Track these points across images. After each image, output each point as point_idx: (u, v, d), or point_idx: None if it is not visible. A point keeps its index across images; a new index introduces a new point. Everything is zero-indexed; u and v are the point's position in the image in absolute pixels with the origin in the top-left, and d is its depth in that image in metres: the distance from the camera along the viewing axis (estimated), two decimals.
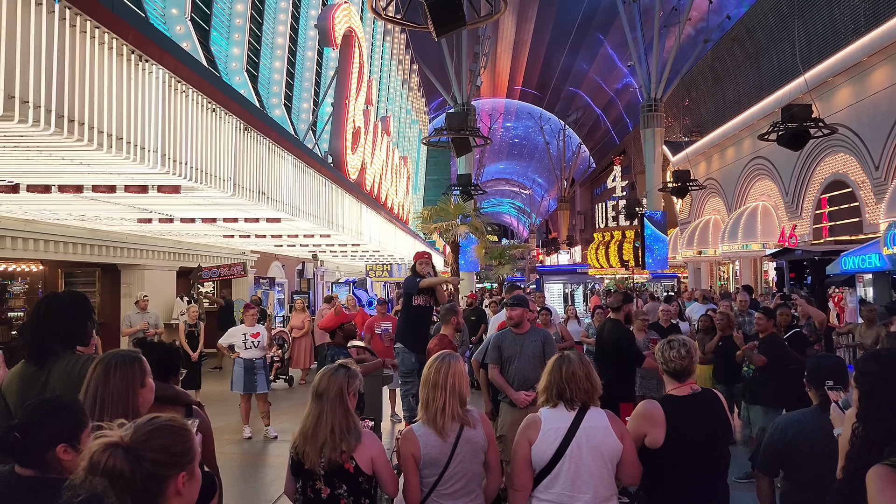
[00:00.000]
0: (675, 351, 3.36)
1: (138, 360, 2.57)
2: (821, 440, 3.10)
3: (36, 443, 2.10)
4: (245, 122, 7.49)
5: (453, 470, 3.18)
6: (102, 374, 2.47)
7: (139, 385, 2.52)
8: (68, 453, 2.13)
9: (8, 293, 12.62)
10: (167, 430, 1.69)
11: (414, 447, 3.19)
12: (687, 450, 3.25)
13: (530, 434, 3.15)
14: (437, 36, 9.45)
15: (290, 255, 20.26)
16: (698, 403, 3.35)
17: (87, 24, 4.60)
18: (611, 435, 3.13)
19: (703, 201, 29.59)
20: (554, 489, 3.08)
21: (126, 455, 1.59)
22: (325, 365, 5.80)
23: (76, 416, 2.20)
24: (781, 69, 21.86)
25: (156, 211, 8.94)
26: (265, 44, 14.93)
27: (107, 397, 2.43)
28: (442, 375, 3.26)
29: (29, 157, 5.18)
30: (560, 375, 3.18)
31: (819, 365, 3.38)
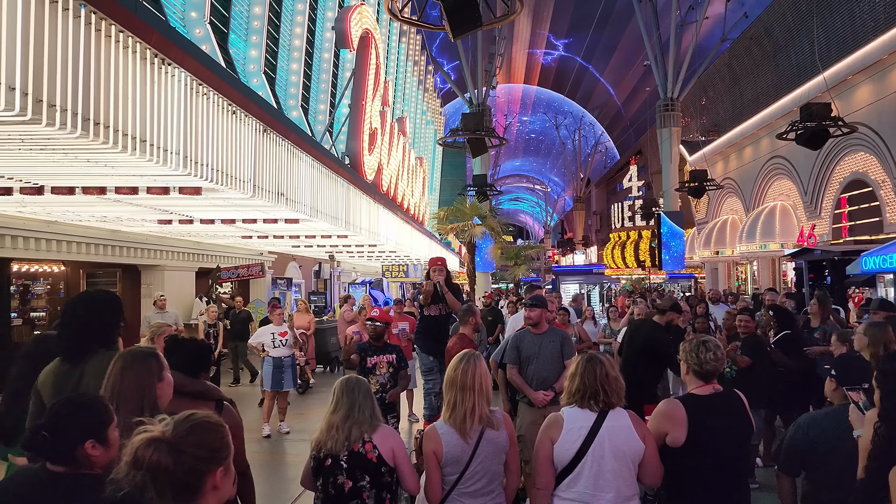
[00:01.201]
0: (712, 353, 3.34)
1: (155, 356, 2.64)
2: (844, 439, 3.08)
3: (64, 440, 2.15)
4: (264, 123, 7.57)
5: (474, 469, 3.21)
6: (120, 370, 2.56)
7: (156, 380, 2.59)
8: (96, 448, 2.19)
9: (30, 293, 12.81)
10: (205, 426, 1.76)
11: (436, 445, 3.21)
12: (708, 449, 3.23)
13: (553, 433, 3.15)
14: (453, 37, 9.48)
15: (307, 256, 20.38)
16: (721, 403, 3.34)
17: (112, 28, 4.68)
18: (633, 435, 3.13)
19: (720, 201, 29.39)
20: (576, 488, 3.08)
21: (168, 450, 1.65)
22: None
23: (102, 413, 2.26)
24: (800, 67, 21.68)
25: (176, 212, 9.05)
26: (282, 46, 15.04)
27: (123, 392, 2.51)
28: (469, 377, 3.27)
29: (55, 159, 5.27)
30: (594, 377, 3.16)
31: (851, 366, 3.31)
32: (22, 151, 4.99)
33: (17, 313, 12.26)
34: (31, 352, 3.56)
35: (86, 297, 3.29)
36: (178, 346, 3.51)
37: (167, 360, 3.25)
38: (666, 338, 6.44)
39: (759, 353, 6.44)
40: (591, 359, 3.24)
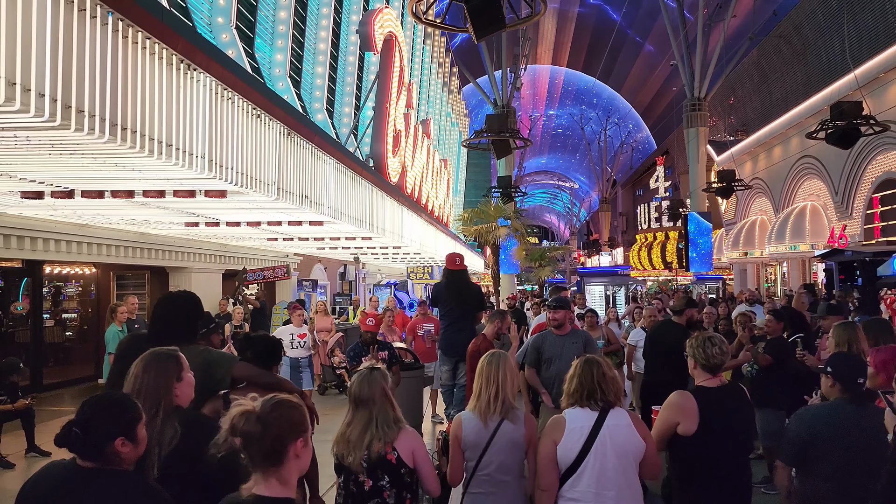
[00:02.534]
0: (718, 347, 3.60)
1: (174, 357, 2.74)
2: (843, 433, 3.22)
3: (96, 437, 2.23)
4: (288, 127, 7.64)
5: (490, 457, 3.41)
6: (142, 370, 2.67)
7: (175, 380, 2.68)
8: (126, 445, 2.27)
9: (62, 295, 13.07)
10: (287, 403, 2.11)
11: (458, 429, 3.48)
12: (717, 437, 3.44)
13: (555, 435, 3.25)
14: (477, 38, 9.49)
15: (332, 258, 20.51)
16: (727, 395, 3.60)
17: (139, 34, 4.76)
18: (634, 434, 3.24)
19: (748, 202, 29.01)
20: (579, 487, 3.18)
21: (257, 420, 2.00)
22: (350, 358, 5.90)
23: (132, 411, 2.35)
24: (830, 65, 21.32)
25: (202, 215, 9.17)
26: (307, 49, 15.17)
27: (143, 391, 2.61)
28: (494, 368, 3.52)
29: (84, 163, 5.38)
30: (591, 377, 3.30)
31: (847, 363, 3.49)
32: (52, 156, 5.10)
33: (49, 315, 12.52)
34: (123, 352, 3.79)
35: (168, 298, 3.61)
36: (251, 341, 3.84)
37: (242, 355, 3.67)
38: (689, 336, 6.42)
39: (782, 354, 6.38)
40: (587, 360, 3.39)
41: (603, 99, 56.79)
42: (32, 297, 11.66)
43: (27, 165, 5.60)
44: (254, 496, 2.02)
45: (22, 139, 4.53)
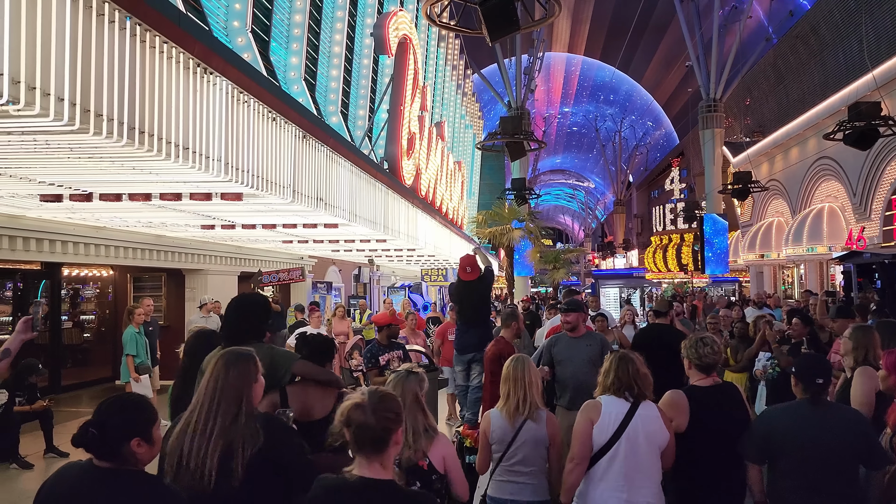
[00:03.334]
0: (709, 347, 3.81)
1: (253, 358, 2.82)
2: (803, 431, 3.40)
3: (112, 437, 2.28)
4: (304, 130, 7.68)
5: (514, 451, 3.82)
6: (223, 367, 2.73)
7: (253, 380, 2.76)
8: (141, 446, 2.31)
9: (80, 297, 13.20)
10: (390, 396, 2.39)
11: (487, 425, 3.93)
12: (708, 434, 3.63)
13: (592, 414, 3.55)
14: (490, 41, 9.48)
15: (346, 260, 20.57)
16: (720, 393, 3.80)
17: (157, 39, 4.81)
18: (661, 425, 3.55)
19: (765, 203, 28.76)
20: (613, 468, 3.45)
21: (371, 411, 2.27)
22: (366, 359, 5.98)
23: (147, 412, 2.39)
24: (848, 66, 21.10)
25: (218, 217, 9.23)
26: (322, 52, 15.23)
27: (226, 388, 2.68)
28: (520, 372, 3.91)
29: (102, 167, 5.43)
30: (627, 373, 3.57)
31: (808, 363, 3.68)
32: (71, 160, 5.15)
33: (68, 316, 12.65)
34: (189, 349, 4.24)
35: (240, 298, 3.87)
36: (307, 340, 4.07)
37: (299, 353, 3.97)
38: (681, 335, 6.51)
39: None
40: (623, 357, 3.67)
41: (620, 94, 54.79)
42: (51, 298, 11.79)
43: (46, 169, 5.66)
44: (359, 478, 2.27)
45: (41, 143, 4.58)
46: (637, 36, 42.66)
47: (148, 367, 9.49)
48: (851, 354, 4.24)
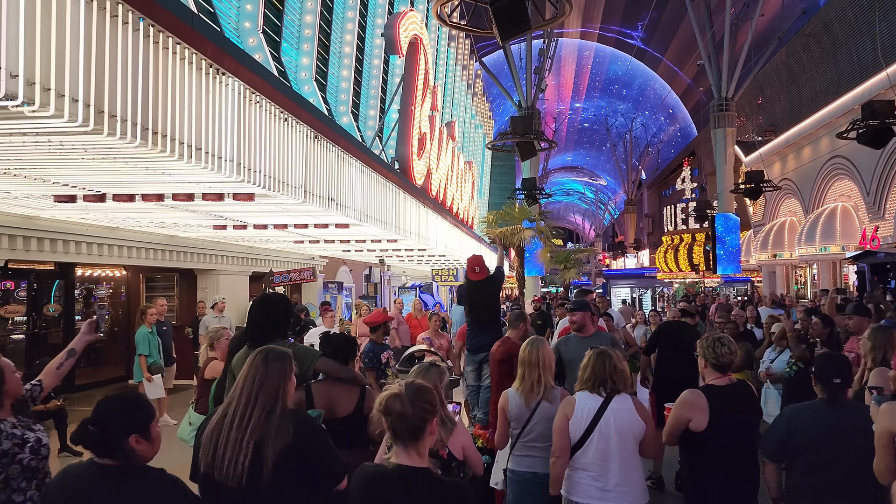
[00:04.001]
0: (726, 347, 3.87)
1: (289, 357, 2.90)
2: (819, 431, 3.46)
3: (112, 434, 2.35)
4: (315, 130, 7.69)
5: (530, 428, 4.16)
6: (262, 364, 2.80)
7: (288, 378, 2.83)
8: (140, 443, 2.39)
9: (93, 297, 13.29)
10: (426, 388, 2.53)
11: (505, 403, 4.26)
12: (727, 432, 3.71)
13: (568, 411, 3.82)
14: (501, 41, 9.48)
15: (357, 260, 20.61)
16: (735, 392, 3.87)
17: (170, 40, 4.83)
18: (635, 417, 3.73)
19: (777, 203, 28.57)
20: (586, 458, 3.73)
21: (408, 402, 2.41)
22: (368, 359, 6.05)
23: (146, 409, 2.48)
24: (861, 64, 20.94)
25: (230, 217, 9.26)
26: (333, 53, 15.26)
27: (264, 384, 2.75)
28: (535, 355, 4.22)
29: (115, 167, 5.46)
30: (604, 368, 3.79)
31: (826, 363, 3.73)
32: (85, 160, 5.19)
33: (81, 316, 12.74)
34: (233, 347, 4.31)
35: (264, 299, 4.03)
36: (330, 339, 4.26)
37: (323, 351, 4.10)
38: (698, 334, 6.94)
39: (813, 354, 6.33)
40: (601, 353, 3.88)
41: (633, 88, 52.24)
42: (65, 299, 11.88)
43: (61, 170, 5.70)
44: (397, 466, 2.41)
45: (56, 144, 4.61)
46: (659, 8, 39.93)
47: (160, 366, 9.55)
48: (870, 355, 4.29)
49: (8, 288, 10.69)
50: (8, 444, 2.94)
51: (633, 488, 3.70)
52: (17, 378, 3.15)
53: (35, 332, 10.99)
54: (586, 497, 3.71)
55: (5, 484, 2.93)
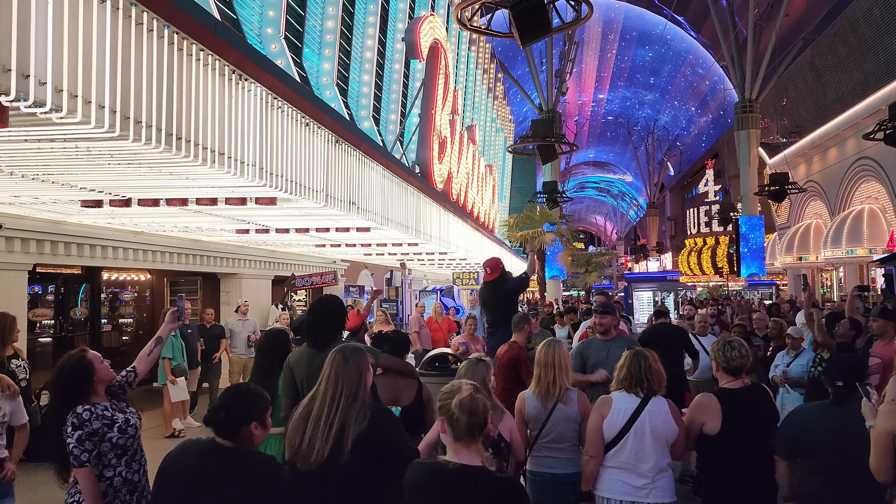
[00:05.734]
0: (737, 351, 3.90)
1: (364, 352, 3.21)
2: (825, 431, 3.49)
3: (235, 420, 2.72)
4: (336, 134, 7.74)
5: (548, 429, 4.20)
6: (343, 360, 3.09)
7: (366, 369, 3.13)
8: (258, 429, 2.77)
9: (119, 301, 13.48)
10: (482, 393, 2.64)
11: (522, 405, 4.31)
12: (740, 435, 3.73)
13: (603, 410, 3.85)
14: (522, 44, 9.46)
15: (378, 264, 20.69)
16: (750, 395, 3.89)
17: (193, 47, 4.89)
18: (670, 420, 3.79)
19: (803, 205, 28.21)
20: (620, 457, 3.77)
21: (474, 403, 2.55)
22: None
23: (265, 401, 2.85)
24: (888, 64, 20.63)
25: (253, 222, 9.35)
26: (354, 58, 15.36)
27: (346, 378, 3.04)
28: (551, 356, 4.25)
29: (141, 172, 5.54)
30: (640, 368, 3.82)
31: (835, 365, 3.74)
32: (111, 166, 5.26)
33: (107, 319, 12.93)
34: (262, 346, 4.77)
35: (323, 301, 4.36)
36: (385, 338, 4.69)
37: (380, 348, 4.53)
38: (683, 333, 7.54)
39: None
40: (637, 353, 3.93)
41: (662, 75, 47.29)
42: (91, 302, 12.06)
43: (88, 175, 5.79)
44: (458, 465, 2.52)
45: (83, 150, 4.69)
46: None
47: (184, 369, 9.65)
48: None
49: (36, 292, 10.89)
50: (98, 423, 3.34)
51: (663, 487, 3.77)
52: (106, 366, 3.57)
53: (62, 335, 11.17)
54: (618, 494, 3.78)
55: (97, 459, 3.34)
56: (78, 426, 3.30)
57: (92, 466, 3.32)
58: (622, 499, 3.76)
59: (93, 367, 3.48)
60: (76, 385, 3.43)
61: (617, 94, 52.64)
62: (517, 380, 5.40)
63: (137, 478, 3.53)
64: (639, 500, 3.74)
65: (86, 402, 3.41)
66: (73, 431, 3.29)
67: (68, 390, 3.43)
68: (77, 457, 3.27)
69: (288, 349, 4.77)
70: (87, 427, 3.31)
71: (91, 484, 3.30)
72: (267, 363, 4.62)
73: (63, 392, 3.45)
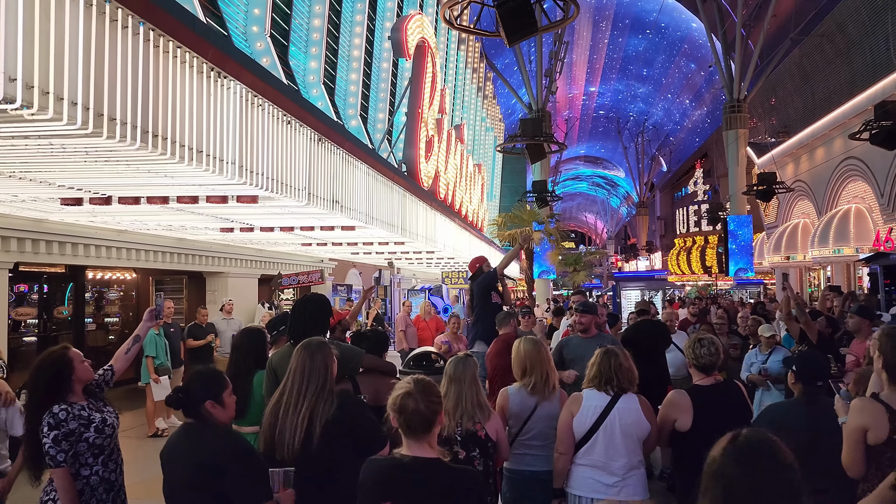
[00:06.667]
0: (706, 349, 3.97)
1: (327, 344, 3.37)
2: (802, 429, 3.54)
3: (192, 400, 2.97)
4: (319, 133, 7.72)
5: (530, 426, 4.17)
6: (308, 354, 3.26)
7: (331, 361, 3.28)
8: (215, 408, 2.98)
9: (104, 300, 13.40)
10: (432, 384, 2.73)
11: (505, 402, 4.25)
12: (712, 432, 3.79)
13: (573, 408, 3.90)
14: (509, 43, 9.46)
15: (366, 263, 20.66)
16: (721, 392, 3.97)
17: (170, 44, 4.86)
18: (641, 417, 3.81)
19: (790, 205, 28.35)
20: (591, 456, 3.81)
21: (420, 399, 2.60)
22: None
23: (220, 381, 3.06)
24: (875, 64, 20.75)
25: (236, 220, 9.31)
26: (341, 56, 15.31)
27: (313, 371, 3.21)
28: (536, 354, 4.25)
29: (118, 170, 5.51)
30: (609, 366, 3.84)
31: (809, 363, 3.80)
32: (87, 163, 5.23)
33: (92, 319, 12.85)
34: (237, 344, 4.74)
35: (306, 300, 4.37)
36: (364, 336, 4.81)
37: (359, 346, 4.59)
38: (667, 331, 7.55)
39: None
40: (607, 351, 3.95)
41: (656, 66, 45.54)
42: (75, 301, 11.99)
43: (64, 172, 5.75)
44: (411, 457, 2.59)
45: (57, 146, 4.66)
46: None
47: (167, 368, 9.61)
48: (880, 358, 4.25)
49: (21, 291, 10.81)
50: (75, 423, 3.36)
51: (634, 484, 3.81)
52: (86, 366, 3.57)
53: (46, 334, 11.09)
54: (590, 492, 3.81)
55: (74, 459, 3.35)
56: (54, 426, 3.29)
57: (68, 466, 3.31)
58: (594, 496, 3.79)
59: (72, 366, 3.47)
60: (54, 382, 3.42)
61: (609, 86, 50.69)
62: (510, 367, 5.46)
63: (115, 477, 3.53)
64: (610, 497, 3.77)
65: (63, 401, 3.39)
66: (49, 431, 3.28)
67: (46, 387, 3.42)
68: (53, 457, 3.27)
69: (264, 348, 4.76)
70: (63, 427, 3.31)
71: (67, 484, 3.29)
72: (241, 361, 4.60)
73: (40, 388, 3.43)
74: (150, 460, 3.63)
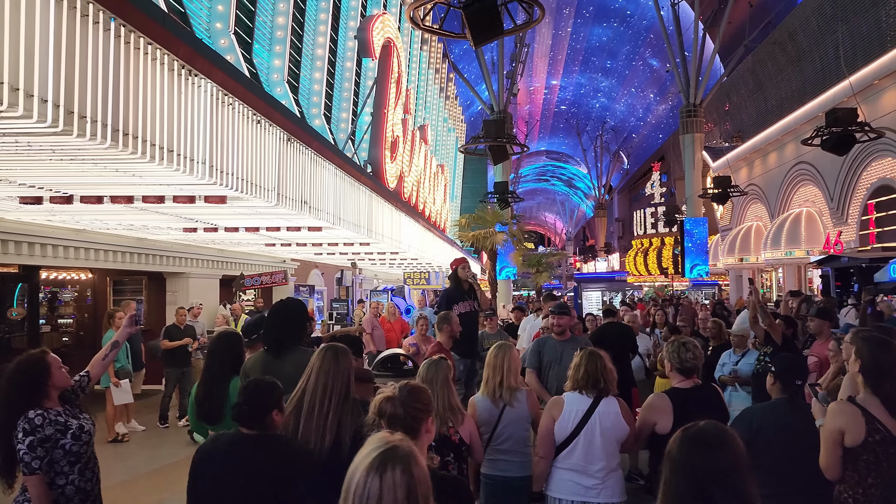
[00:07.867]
0: (690, 353, 4.00)
1: (350, 352, 3.33)
2: (783, 431, 3.58)
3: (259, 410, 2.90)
4: (288, 132, 7.64)
5: (500, 431, 4.18)
6: (333, 358, 3.20)
7: (352, 371, 3.26)
8: (278, 415, 2.97)
9: (58, 301, 13.01)
10: (419, 388, 2.67)
11: (473, 409, 4.25)
12: None
13: (554, 412, 3.89)
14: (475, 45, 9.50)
15: (329, 263, 20.49)
16: (701, 395, 3.98)
17: (141, 41, 4.77)
18: (620, 420, 3.84)
19: (744, 208, 29.09)
20: (571, 459, 3.81)
21: (400, 404, 2.52)
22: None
23: (279, 391, 3.02)
24: (825, 72, 21.43)
25: (201, 220, 9.15)
26: (305, 55, 15.17)
27: (337, 375, 3.16)
28: (499, 359, 4.23)
29: (84, 169, 5.37)
30: (596, 368, 3.87)
31: (790, 365, 3.84)
32: (52, 162, 5.09)
33: (46, 320, 12.47)
34: (213, 349, 4.46)
35: (282, 306, 4.19)
36: (336, 340, 4.49)
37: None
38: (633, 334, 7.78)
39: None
40: (592, 353, 3.99)
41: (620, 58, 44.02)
42: (29, 302, 11.61)
43: (28, 171, 5.59)
44: None
45: (23, 144, 4.52)
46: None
47: (128, 371, 9.39)
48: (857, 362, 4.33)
49: None
50: (51, 429, 3.27)
51: (612, 487, 3.84)
52: (64, 373, 3.47)
53: None
54: (569, 494, 3.82)
55: (49, 466, 3.27)
56: (30, 432, 3.21)
57: (43, 474, 3.23)
58: (573, 499, 3.81)
59: (50, 371, 3.38)
60: (30, 387, 3.32)
61: (571, 79, 49.19)
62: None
63: (90, 486, 3.46)
64: (589, 499, 3.79)
65: (38, 406, 3.30)
66: (24, 437, 3.20)
67: (21, 391, 3.32)
68: (28, 464, 3.19)
69: (241, 353, 4.66)
70: (39, 433, 3.22)
71: (42, 492, 3.21)
72: (217, 366, 4.40)
73: (15, 392, 3.33)
74: (111, 466, 3.55)
